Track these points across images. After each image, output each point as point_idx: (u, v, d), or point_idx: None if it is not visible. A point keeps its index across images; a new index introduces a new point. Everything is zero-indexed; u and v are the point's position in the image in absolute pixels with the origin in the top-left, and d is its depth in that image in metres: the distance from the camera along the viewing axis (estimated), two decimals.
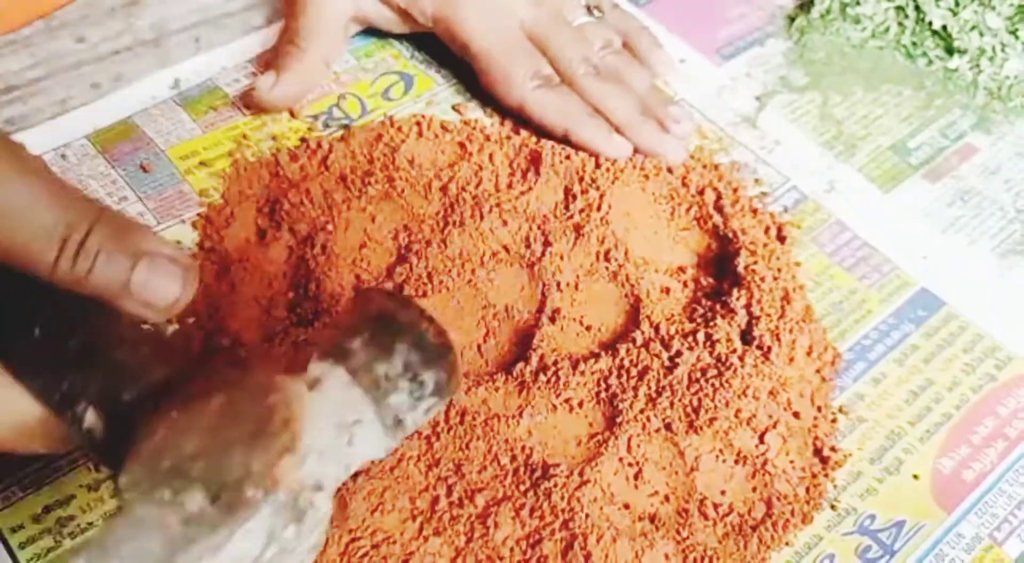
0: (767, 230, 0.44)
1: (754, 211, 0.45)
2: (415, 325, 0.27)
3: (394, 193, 0.42)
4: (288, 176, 0.43)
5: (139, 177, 0.43)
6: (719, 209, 0.44)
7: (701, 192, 0.44)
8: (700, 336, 0.39)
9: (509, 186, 0.44)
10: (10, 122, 0.45)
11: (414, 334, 0.27)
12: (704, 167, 0.46)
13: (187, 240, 0.41)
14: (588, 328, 0.40)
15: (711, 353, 0.38)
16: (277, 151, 0.45)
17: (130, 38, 0.49)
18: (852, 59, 0.52)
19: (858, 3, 0.53)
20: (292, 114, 0.47)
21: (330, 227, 0.41)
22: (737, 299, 0.40)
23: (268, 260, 0.40)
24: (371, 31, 0.51)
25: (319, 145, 0.45)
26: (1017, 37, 0.51)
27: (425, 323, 0.27)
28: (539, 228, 0.42)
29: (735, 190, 0.45)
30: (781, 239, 0.44)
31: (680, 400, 0.37)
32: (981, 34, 0.51)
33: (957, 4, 0.52)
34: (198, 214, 0.42)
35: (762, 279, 0.40)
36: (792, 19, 0.54)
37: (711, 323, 0.39)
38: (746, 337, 0.39)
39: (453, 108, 0.48)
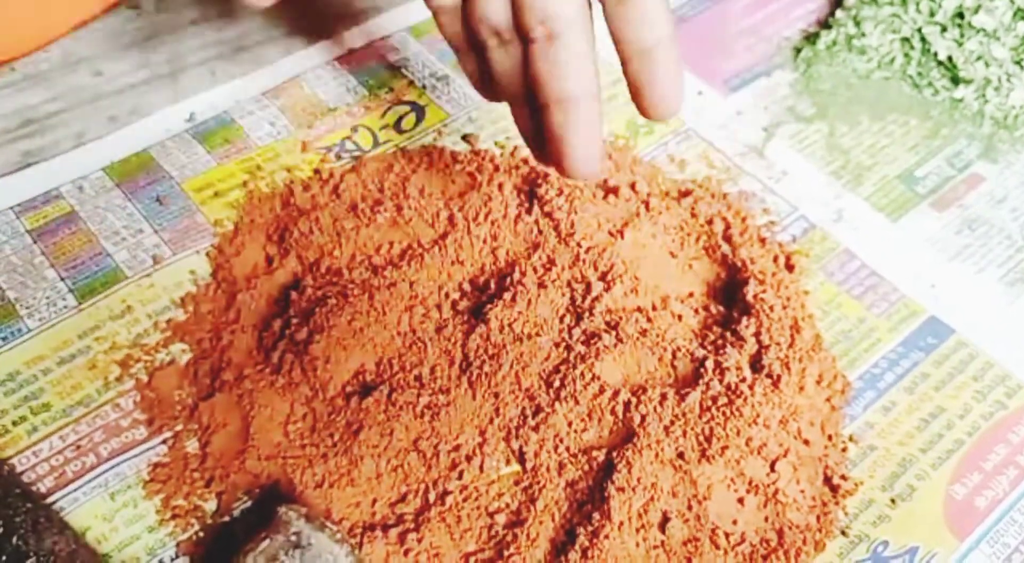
0: (776, 259, 0.44)
1: (762, 240, 0.45)
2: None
3: (402, 221, 0.43)
4: (299, 205, 0.44)
5: (155, 210, 0.44)
6: (728, 238, 0.44)
7: (710, 222, 0.45)
8: (710, 364, 0.39)
9: (518, 216, 0.44)
10: (28, 155, 0.46)
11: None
12: (713, 197, 0.47)
13: (201, 271, 0.42)
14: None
15: (721, 381, 0.38)
16: (290, 182, 0.46)
17: (147, 72, 0.50)
18: (858, 90, 0.53)
19: (863, 34, 0.54)
20: (304, 147, 0.47)
21: (337, 253, 0.41)
22: (747, 327, 0.40)
23: (274, 286, 0.40)
24: (383, 62, 0.51)
25: (331, 175, 0.45)
26: (1022, 67, 0.52)
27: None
28: (548, 256, 0.42)
29: (743, 219, 0.46)
30: (790, 268, 0.44)
31: (692, 429, 0.37)
32: (987, 64, 0.52)
33: (962, 35, 0.53)
34: (211, 244, 0.43)
35: (771, 308, 0.41)
36: (798, 50, 0.55)
37: (721, 351, 0.39)
38: (756, 365, 0.39)
39: (463, 138, 0.49)
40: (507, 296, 0.40)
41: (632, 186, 0.46)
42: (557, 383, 0.38)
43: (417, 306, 0.40)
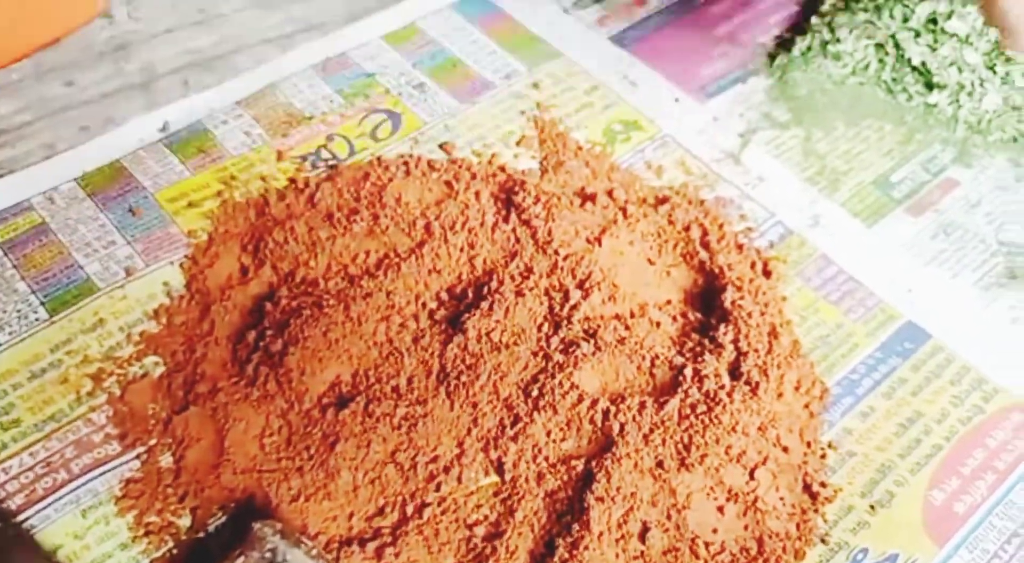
0: (753, 265, 0.44)
1: (739, 247, 0.45)
2: None
3: (378, 230, 0.42)
4: (274, 215, 0.43)
5: (128, 220, 0.44)
6: (705, 245, 0.44)
7: (687, 229, 0.45)
8: (689, 371, 0.39)
9: (495, 224, 0.44)
10: None
11: None
12: (690, 203, 0.47)
13: (175, 282, 0.41)
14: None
15: (700, 389, 0.38)
16: (265, 191, 0.45)
17: (119, 81, 0.49)
18: (833, 95, 0.53)
19: (838, 40, 0.54)
20: (279, 156, 0.47)
21: (312, 263, 0.41)
22: (725, 334, 0.40)
23: (248, 297, 0.40)
24: (359, 70, 0.51)
25: (306, 184, 0.45)
26: (995, 72, 0.52)
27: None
28: (525, 264, 0.42)
29: (721, 226, 0.46)
30: (767, 274, 0.44)
31: (671, 437, 0.37)
32: (960, 70, 0.52)
33: (936, 41, 0.53)
34: (185, 255, 0.42)
35: (749, 315, 0.41)
36: (773, 57, 0.55)
37: (700, 358, 0.39)
38: (734, 372, 0.39)
39: (440, 147, 0.49)
40: (485, 305, 0.40)
41: (610, 193, 0.46)
42: (535, 392, 0.38)
43: (394, 316, 0.40)
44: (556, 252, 0.42)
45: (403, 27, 0.54)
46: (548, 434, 0.37)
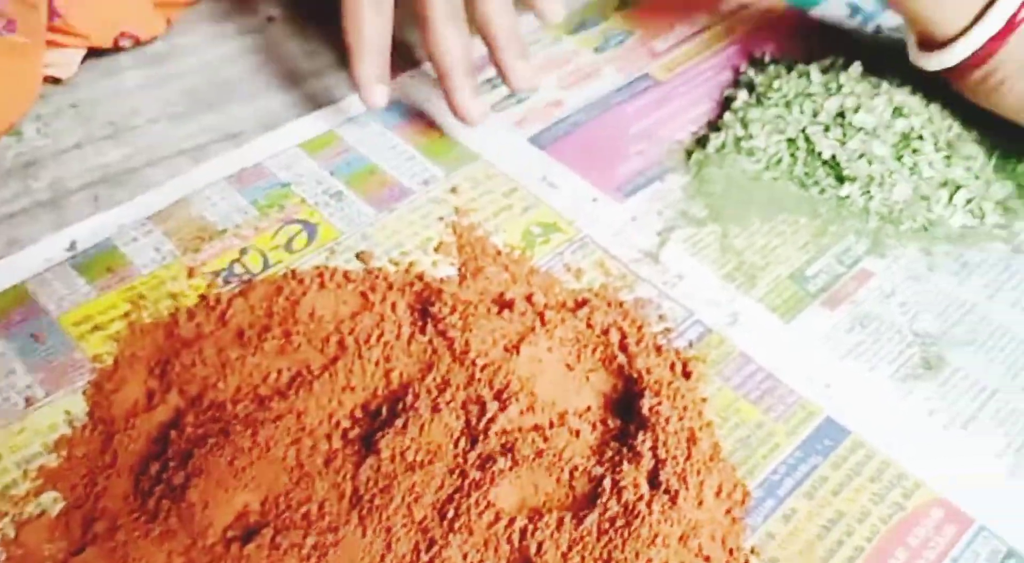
0: (672, 367, 0.44)
1: (658, 348, 0.45)
2: None
3: (290, 347, 0.42)
4: (183, 335, 0.43)
5: (29, 347, 0.42)
6: (624, 348, 0.44)
7: (606, 332, 0.45)
8: (607, 483, 0.38)
9: (412, 335, 0.43)
10: None
11: None
12: (609, 305, 0.47)
13: (77, 410, 0.40)
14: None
15: (619, 501, 0.38)
16: (175, 310, 0.44)
17: (27, 200, 0.49)
18: (749, 190, 0.54)
19: (751, 136, 0.55)
20: (191, 273, 0.46)
21: (221, 385, 0.40)
22: (643, 442, 0.39)
23: (154, 424, 0.39)
24: (274, 180, 0.51)
25: (218, 301, 0.44)
26: (903, 163, 0.53)
27: None
28: (442, 377, 0.42)
29: (639, 328, 0.46)
30: (687, 375, 0.44)
31: (591, 554, 0.36)
32: (869, 162, 0.53)
33: (844, 135, 0.54)
34: (89, 382, 0.41)
35: (667, 420, 0.40)
36: (690, 153, 0.56)
37: (618, 468, 0.39)
38: (654, 481, 0.39)
39: (357, 256, 0.48)
40: (399, 422, 0.39)
41: (528, 298, 0.46)
42: (451, 513, 0.37)
43: (305, 438, 0.39)
44: (473, 363, 0.42)
45: (320, 135, 0.54)
46: (464, 557, 0.36)
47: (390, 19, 0.51)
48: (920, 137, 0.54)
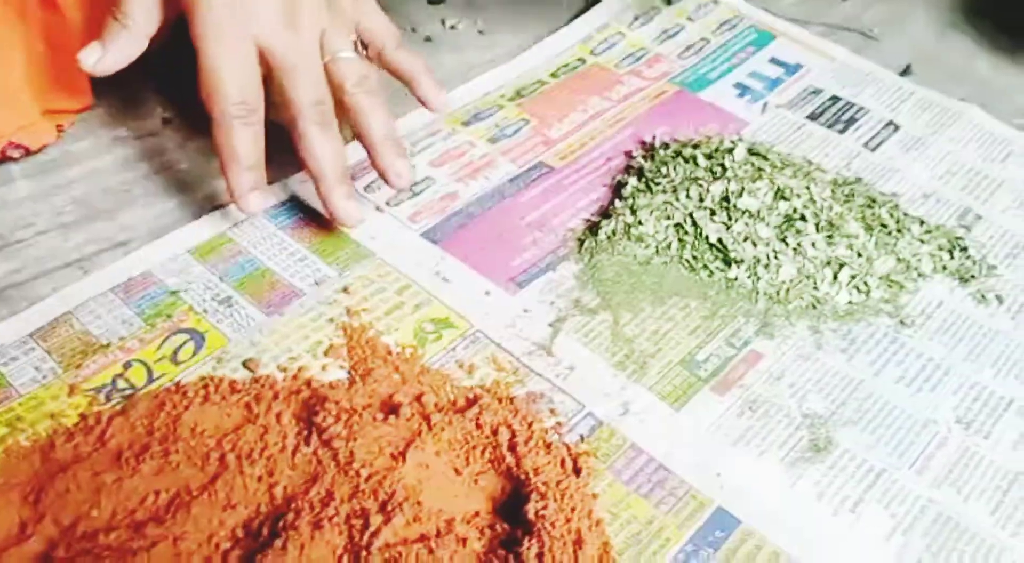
0: (563, 464, 0.44)
1: (548, 446, 0.45)
2: None
3: (168, 467, 0.41)
4: (59, 458, 0.42)
5: None
6: (512, 448, 0.44)
7: (495, 432, 0.44)
8: None
9: (296, 447, 0.43)
10: None
11: None
12: (500, 402, 0.47)
13: None
14: None
15: None
16: (54, 431, 0.43)
17: None
18: (639, 276, 0.54)
19: (640, 222, 0.56)
20: (72, 390, 0.45)
21: (95, 512, 0.39)
22: (528, 548, 0.39)
23: (25, 557, 0.38)
24: (162, 288, 0.51)
25: (97, 420, 0.43)
26: (787, 244, 0.55)
27: None
28: (326, 489, 0.41)
29: (530, 425, 0.45)
30: (577, 472, 0.44)
31: None
32: (754, 244, 0.55)
33: (730, 218, 0.55)
34: None
35: (552, 524, 0.40)
36: (582, 241, 0.56)
37: None
38: None
39: (244, 364, 0.48)
40: (278, 543, 0.38)
41: (418, 399, 0.45)
42: None
43: None
44: (358, 473, 0.42)
45: (212, 238, 0.54)
46: None
47: (261, 130, 0.51)
48: (802, 218, 0.55)
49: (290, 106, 0.51)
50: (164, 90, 0.62)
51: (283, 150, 0.52)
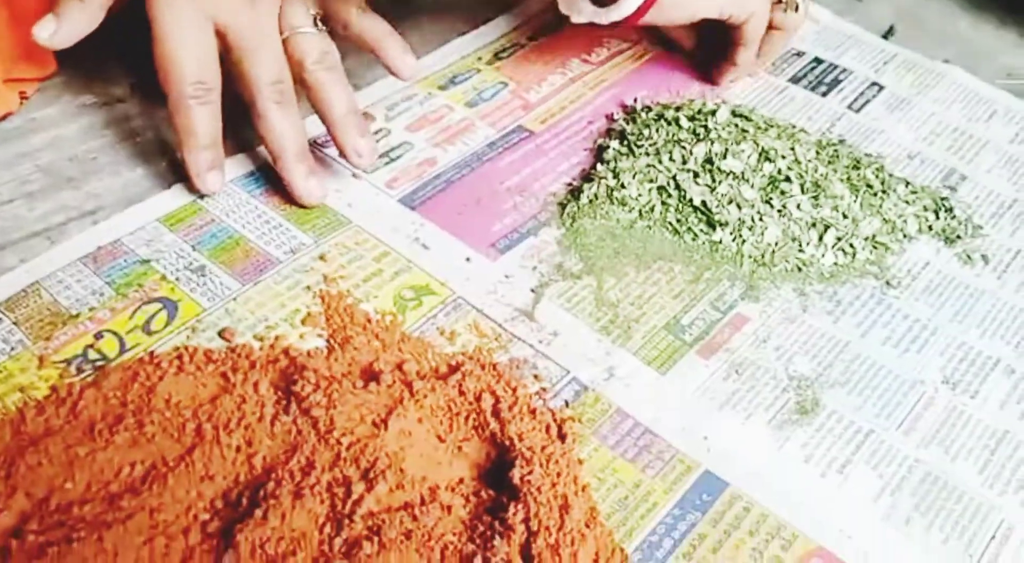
0: (547, 429, 0.43)
1: (533, 412, 0.44)
2: None
3: (144, 439, 0.40)
4: (30, 432, 0.40)
5: None
6: (496, 414, 0.43)
7: (478, 398, 0.44)
8: (478, 561, 0.37)
9: (275, 416, 0.42)
10: None
11: None
12: (483, 368, 0.46)
13: None
14: None
15: None
16: (24, 404, 0.42)
17: None
18: (623, 240, 0.53)
19: (623, 186, 0.55)
20: (42, 362, 0.44)
21: (69, 485, 0.38)
22: (514, 514, 0.38)
23: None
24: (133, 257, 0.49)
25: (69, 392, 0.42)
26: (772, 206, 0.54)
27: None
28: (307, 458, 0.40)
29: (514, 390, 0.45)
30: (562, 437, 0.43)
31: None
32: (739, 206, 0.54)
33: (714, 180, 0.55)
34: None
35: (539, 489, 0.39)
36: (563, 206, 0.55)
37: (490, 544, 0.38)
38: (527, 555, 0.38)
39: (220, 334, 0.46)
40: (259, 512, 0.37)
41: (399, 366, 0.44)
42: None
43: (159, 537, 0.37)
44: (339, 441, 0.41)
45: (183, 206, 0.53)
46: None
47: (218, 109, 0.50)
48: (787, 180, 0.55)
49: (248, 85, 0.51)
50: (131, 55, 0.60)
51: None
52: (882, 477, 0.43)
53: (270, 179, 0.54)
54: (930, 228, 0.55)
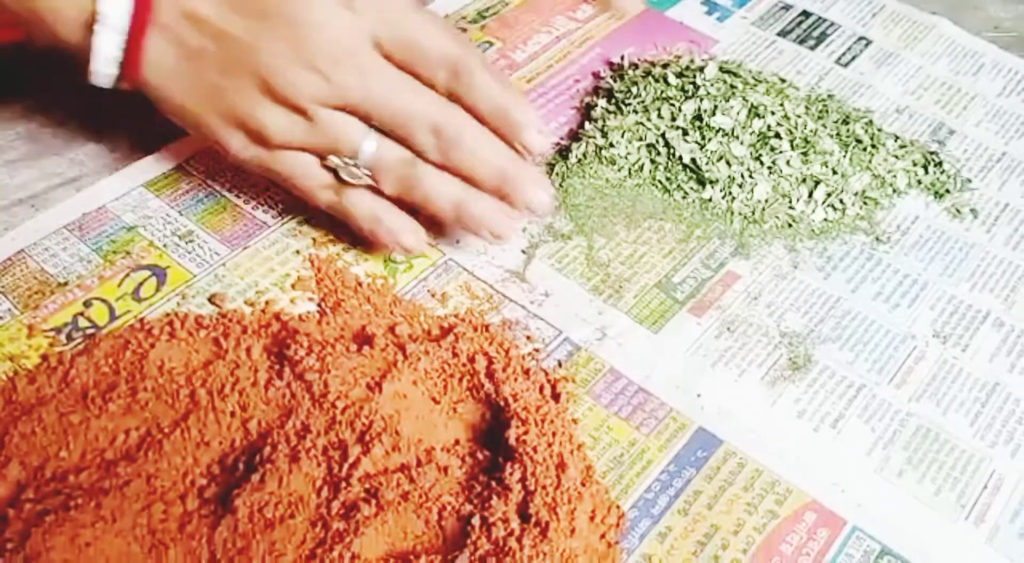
0: (541, 390, 0.43)
1: (526, 372, 0.44)
2: None
3: (138, 406, 0.40)
4: (22, 401, 0.40)
5: None
6: (490, 375, 0.43)
7: (472, 359, 0.43)
8: (476, 520, 0.37)
9: (269, 381, 0.41)
10: None
11: None
12: (476, 330, 0.46)
13: None
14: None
15: (489, 538, 0.37)
16: (14, 374, 0.42)
17: None
18: (612, 199, 0.53)
19: (611, 145, 0.55)
20: (31, 331, 0.44)
21: (64, 454, 0.38)
22: (511, 474, 0.39)
23: None
24: (119, 224, 0.49)
25: (60, 361, 0.42)
26: (762, 163, 0.54)
27: None
28: (302, 422, 0.40)
29: (507, 351, 0.45)
30: (556, 397, 0.43)
31: None
32: (729, 163, 0.54)
33: (703, 137, 0.54)
34: None
35: (535, 449, 0.39)
36: (552, 166, 0.55)
37: (487, 504, 0.38)
38: (524, 514, 0.38)
39: (210, 300, 0.46)
40: (256, 477, 0.37)
41: (392, 329, 0.44)
42: None
43: (157, 503, 0.37)
44: (333, 405, 0.40)
45: (168, 171, 0.52)
46: None
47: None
48: (777, 136, 0.54)
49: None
50: None
51: None
52: (874, 431, 0.44)
53: None
54: (919, 183, 0.56)
